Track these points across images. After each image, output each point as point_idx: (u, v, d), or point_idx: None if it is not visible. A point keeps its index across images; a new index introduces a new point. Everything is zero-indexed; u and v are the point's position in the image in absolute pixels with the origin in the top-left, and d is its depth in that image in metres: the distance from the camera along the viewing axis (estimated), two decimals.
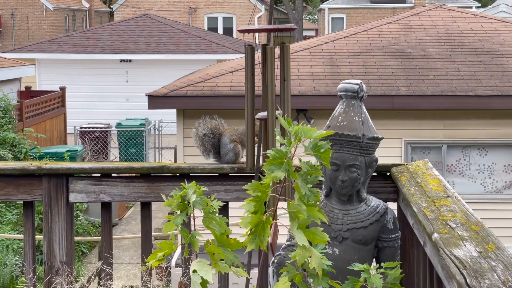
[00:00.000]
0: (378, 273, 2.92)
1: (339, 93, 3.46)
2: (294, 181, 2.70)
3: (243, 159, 3.80)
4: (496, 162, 11.25)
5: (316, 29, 52.80)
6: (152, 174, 3.72)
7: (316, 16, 53.65)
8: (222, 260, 2.90)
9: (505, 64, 11.56)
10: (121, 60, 23.65)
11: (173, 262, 10.70)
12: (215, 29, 33.73)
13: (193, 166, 3.65)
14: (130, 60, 23.58)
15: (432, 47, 12.20)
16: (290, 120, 2.76)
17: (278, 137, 2.74)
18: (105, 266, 3.73)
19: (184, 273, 3.94)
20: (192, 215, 2.85)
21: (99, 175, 3.73)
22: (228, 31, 34.60)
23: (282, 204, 4.61)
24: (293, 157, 2.70)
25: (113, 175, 3.73)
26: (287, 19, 44.05)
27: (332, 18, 38.02)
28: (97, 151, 17.66)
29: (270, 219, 2.73)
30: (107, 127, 18.07)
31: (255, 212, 2.75)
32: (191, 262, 2.84)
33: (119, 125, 17.90)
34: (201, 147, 3.88)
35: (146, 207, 3.77)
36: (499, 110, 10.87)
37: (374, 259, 3.53)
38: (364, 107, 3.47)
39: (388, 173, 3.65)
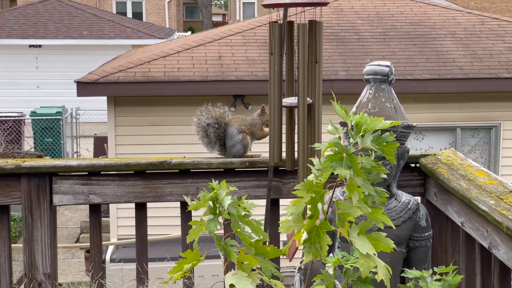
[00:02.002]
0: (435, 280, 2.59)
1: (366, 77, 3.10)
2: (348, 179, 2.31)
3: (251, 152, 3.40)
4: (432, 146, 11.17)
5: (224, 15, 52.36)
6: (147, 171, 3.26)
7: (222, 1, 53.25)
8: (253, 270, 2.51)
9: (439, 48, 11.49)
10: (30, 46, 22.58)
11: (107, 257, 10.16)
12: (124, 14, 32.77)
13: (197, 161, 3.22)
14: (40, 46, 22.55)
15: (366, 31, 12.01)
16: (346, 109, 2.37)
17: (330, 127, 2.34)
18: (101, 280, 3.26)
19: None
20: (224, 220, 2.45)
21: (87, 173, 3.24)
22: (137, 15, 33.72)
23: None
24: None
25: (102, 172, 3.25)
26: (196, 4, 43.43)
27: (244, 3, 37.68)
28: (11, 141, 16.76)
29: (326, 223, 2.34)
30: (21, 116, 17.16)
31: (310, 217, 2.36)
32: (224, 274, 2.45)
33: (34, 113, 17.01)
34: (205, 139, 3.44)
35: (141, 209, 3.32)
36: (436, 93, 10.77)
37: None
38: (393, 91, 3.12)
39: (413, 165, 3.31)
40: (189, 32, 34.12)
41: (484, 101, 10.91)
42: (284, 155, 2.98)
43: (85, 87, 10.08)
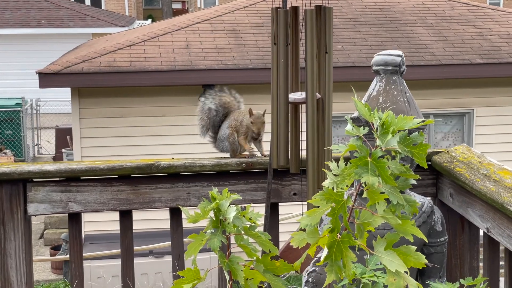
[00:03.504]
0: None
1: (375, 67, 2.82)
2: (369, 186, 2.03)
3: (246, 152, 3.09)
4: None
5: (183, 2, 51.77)
6: (132, 175, 2.94)
7: None
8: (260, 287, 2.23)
9: (410, 34, 11.28)
10: None
11: None
12: (82, 1, 32.06)
13: (189, 163, 2.90)
14: None
15: (335, 17, 11.73)
16: (369, 106, 2.08)
17: (349, 127, 2.05)
18: None
19: None
20: (228, 234, 2.14)
21: (65, 178, 2.91)
22: (96, 3, 33.01)
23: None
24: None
25: (82, 178, 2.92)
26: None
27: None
28: None
29: (350, 237, 2.06)
30: None
31: (331, 230, 2.07)
32: None
33: None
34: (201, 121, 3.15)
35: (126, 216, 2.99)
36: (409, 80, 10.52)
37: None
38: (405, 83, 2.85)
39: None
40: (149, 20, 33.53)
41: (457, 88, 10.74)
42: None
43: (47, 78, 9.65)
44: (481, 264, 2.98)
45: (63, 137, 14.83)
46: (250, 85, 9.85)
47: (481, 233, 2.86)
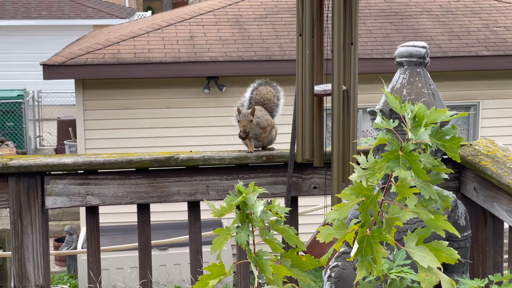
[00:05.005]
0: None
1: (399, 59, 2.77)
2: (402, 180, 1.99)
3: (248, 147, 3.03)
4: None
5: None
6: (150, 168, 2.89)
7: None
8: (285, 283, 2.20)
9: (415, 26, 11.23)
10: None
11: (79, 244, 9.74)
12: None
13: (208, 156, 2.85)
14: None
15: None
16: (399, 98, 2.04)
17: (379, 120, 2.00)
18: (91, 286, 2.90)
19: None
20: (253, 228, 2.11)
21: (83, 171, 2.86)
22: None
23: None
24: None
25: (100, 171, 2.87)
26: None
27: None
28: None
29: (381, 233, 2.02)
30: None
31: (361, 225, 2.03)
32: None
33: None
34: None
35: (144, 210, 2.95)
36: None
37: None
38: (429, 75, 2.80)
39: (446, 156, 2.99)
40: (149, 12, 33.43)
41: (463, 80, 10.69)
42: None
43: (51, 70, 9.60)
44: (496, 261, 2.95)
45: (65, 128, 14.78)
46: (255, 77, 9.78)
47: (505, 226, 2.83)
